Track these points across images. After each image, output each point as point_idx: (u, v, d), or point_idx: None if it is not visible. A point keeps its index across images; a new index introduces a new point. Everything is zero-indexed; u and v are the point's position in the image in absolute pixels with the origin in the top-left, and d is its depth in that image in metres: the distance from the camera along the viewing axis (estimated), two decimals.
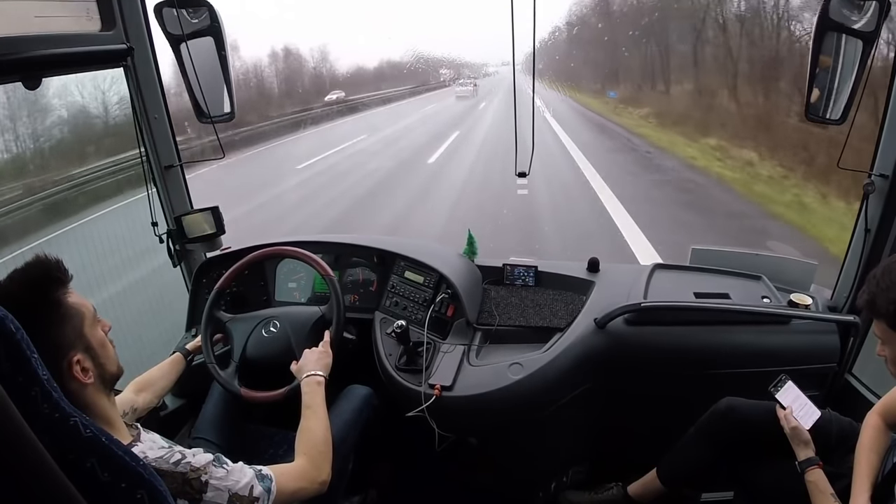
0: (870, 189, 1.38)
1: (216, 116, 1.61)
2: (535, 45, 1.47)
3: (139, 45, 1.51)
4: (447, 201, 6.48)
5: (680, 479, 1.50)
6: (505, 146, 1.54)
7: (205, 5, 1.51)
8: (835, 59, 1.35)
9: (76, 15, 1.37)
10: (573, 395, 1.48)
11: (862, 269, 1.45)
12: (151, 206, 1.64)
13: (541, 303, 1.64)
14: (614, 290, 1.60)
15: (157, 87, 1.60)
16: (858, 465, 1.12)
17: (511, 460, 1.64)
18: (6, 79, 1.25)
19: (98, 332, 0.89)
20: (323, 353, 1.31)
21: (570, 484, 1.69)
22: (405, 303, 1.64)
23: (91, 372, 0.85)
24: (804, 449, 1.21)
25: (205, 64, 1.55)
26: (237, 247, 1.79)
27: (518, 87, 1.58)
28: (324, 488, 1.07)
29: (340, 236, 1.82)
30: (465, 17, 40.21)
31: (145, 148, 1.61)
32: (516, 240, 4.99)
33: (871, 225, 1.41)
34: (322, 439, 1.13)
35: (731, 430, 1.37)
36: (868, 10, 1.26)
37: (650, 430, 1.52)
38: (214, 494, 0.88)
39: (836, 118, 1.37)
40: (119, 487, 0.67)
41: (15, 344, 0.59)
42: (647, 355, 1.52)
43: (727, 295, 1.58)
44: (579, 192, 6.55)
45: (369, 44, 40.30)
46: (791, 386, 1.28)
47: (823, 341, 1.49)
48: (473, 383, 1.40)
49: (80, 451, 0.64)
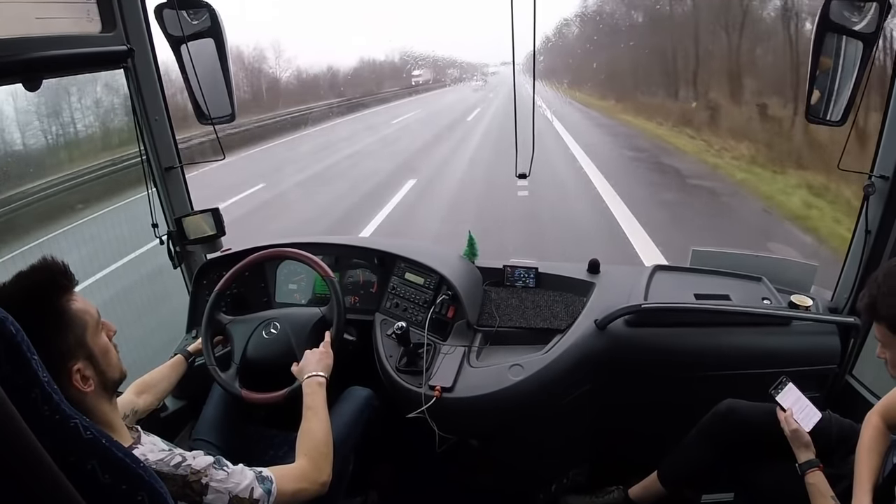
0: (870, 190, 1.38)
1: (217, 118, 1.61)
2: (536, 45, 1.48)
3: (139, 46, 1.52)
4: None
5: (681, 480, 1.50)
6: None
7: (205, 7, 1.51)
8: (835, 61, 1.35)
9: (77, 16, 1.37)
10: (574, 396, 1.48)
11: (862, 270, 1.45)
12: (152, 207, 1.64)
13: (541, 304, 1.64)
14: (615, 292, 1.60)
15: (157, 88, 1.60)
16: (859, 466, 1.12)
17: (511, 462, 1.64)
18: (7, 80, 1.25)
19: (101, 340, 0.89)
20: (324, 354, 1.31)
21: (570, 486, 1.69)
22: (405, 304, 1.64)
23: (92, 380, 0.85)
24: (804, 451, 1.20)
25: (205, 65, 1.55)
26: (237, 248, 1.79)
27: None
28: (324, 489, 1.07)
29: (341, 238, 1.82)
30: (466, 17, 40.35)
31: (146, 149, 1.61)
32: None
33: (871, 226, 1.41)
34: (323, 440, 1.13)
35: (731, 431, 1.36)
36: (868, 11, 1.26)
37: (651, 432, 1.52)
38: (215, 497, 0.88)
39: (836, 119, 1.37)
40: (119, 490, 0.67)
41: (15, 346, 0.59)
42: (648, 357, 1.52)
43: (727, 296, 1.57)
44: None
45: (369, 44, 40.69)
46: (792, 388, 1.28)
47: (824, 343, 1.49)
48: (474, 385, 1.40)
49: (81, 453, 0.64)
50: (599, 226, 5.39)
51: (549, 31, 17.59)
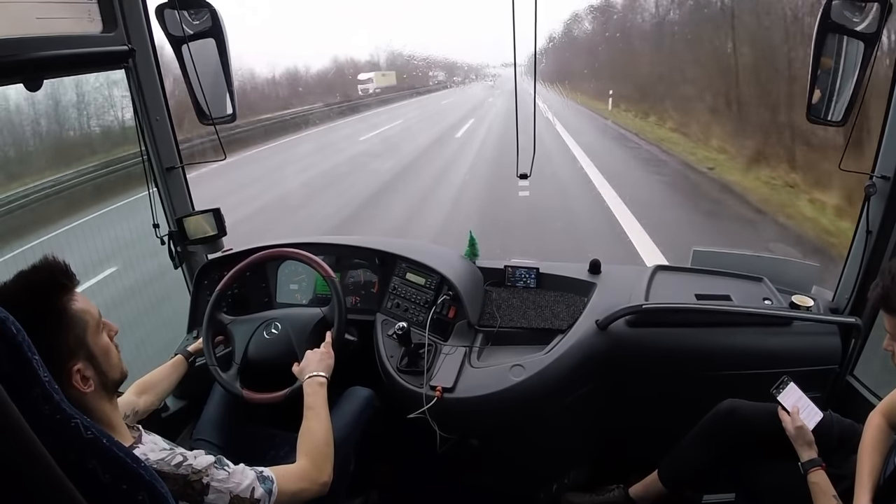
0: (871, 191, 1.37)
1: (218, 118, 1.61)
2: (537, 45, 1.48)
3: (140, 46, 1.52)
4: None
5: (681, 480, 1.49)
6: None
7: (206, 7, 1.51)
8: (836, 61, 1.35)
9: (78, 16, 1.37)
10: (574, 396, 1.48)
11: (863, 270, 1.45)
12: (153, 207, 1.64)
13: (542, 304, 1.63)
14: (615, 292, 1.60)
15: (158, 88, 1.60)
16: (860, 466, 1.12)
17: (512, 461, 1.64)
18: (7, 80, 1.25)
19: (102, 340, 0.88)
20: (325, 354, 1.31)
21: (571, 485, 1.69)
22: (406, 304, 1.64)
23: (92, 380, 0.85)
24: (807, 450, 1.20)
25: (206, 65, 1.55)
26: (238, 248, 1.79)
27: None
28: (325, 489, 1.07)
29: (342, 238, 1.82)
30: (465, 17, 40.09)
31: (146, 149, 1.61)
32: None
33: (872, 226, 1.40)
34: (324, 440, 1.13)
35: (732, 431, 1.36)
36: (869, 11, 1.26)
37: (651, 432, 1.52)
38: (216, 496, 0.88)
39: (837, 119, 1.37)
40: (120, 489, 0.67)
41: (16, 345, 0.59)
42: (649, 357, 1.52)
43: (728, 297, 1.57)
44: None
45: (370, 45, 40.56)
46: (793, 388, 1.28)
47: (825, 343, 1.49)
48: (475, 385, 1.40)
49: (81, 452, 0.64)
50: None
51: (556, 28, 17.07)
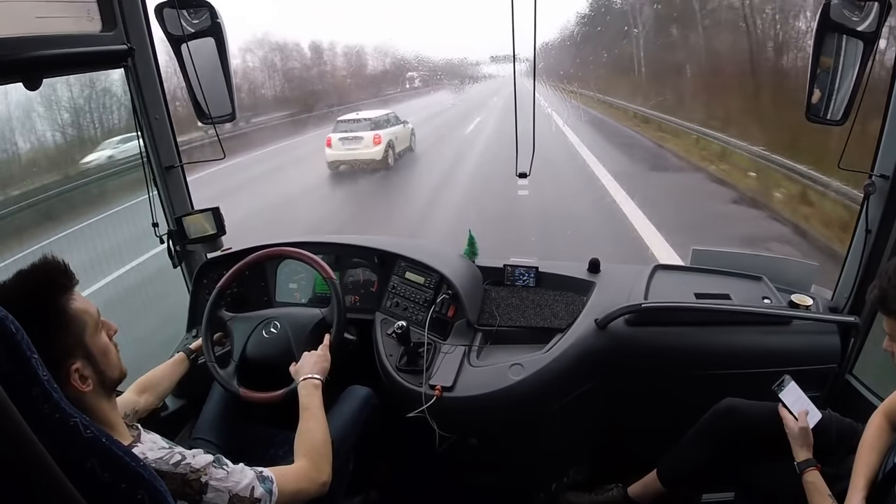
0: (870, 190, 1.38)
1: (217, 117, 1.61)
2: (536, 45, 1.48)
3: (140, 45, 1.51)
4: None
5: (680, 479, 1.50)
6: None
7: (205, 6, 1.51)
8: (835, 60, 1.35)
9: (77, 15, 1.37)
10: (574, 395, 1.48)
11: (862, 269, 1.45)
12: (152, 206, 1.64)
13: (541, 303, 1.63)
14: (615, 291, 1.60)
15: (157, 87, 1.60)
16: (857, 463, 1.12)
17: (512, 461, 1.64)
18: (7, 80, 1.25)
19: (100, 339, 0.88)
20: (321, 356, 1.31)
21: (570, 484, 1.69)
22: (406, 303, 1.64)
23: (90, 380, 0.85)
24: (804, 450, 1.20)
25: (206, 64, 1.55)
26: (238, 247, 1.79)
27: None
28: (325, 489, 1.07)
29: (341, 237, 1.82)
30: (465, 17, 39.82)
31: (146, 148, 1.61)
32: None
33: (871, 226, 1.40)
34: (321, 440, 1.13)
35: (731, 430, 1.36)
36: (869, 11, 1.26)
37: (651, 431, 1.52)
38: (214, 496, 0.88)
39: (836, 119, 1.37)
40: (119, 488, 0.67)
41: (15, 344, 0.59)
42: (648, 356, 1.52)
43: (728, 296, 1.57)
44: None
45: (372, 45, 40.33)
46: (794, 386, 1.28)
47: (824, 342, 1.49)
48: (474, 384, 1.40)
49: (81, 451, 0.64)
50: None
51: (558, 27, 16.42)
